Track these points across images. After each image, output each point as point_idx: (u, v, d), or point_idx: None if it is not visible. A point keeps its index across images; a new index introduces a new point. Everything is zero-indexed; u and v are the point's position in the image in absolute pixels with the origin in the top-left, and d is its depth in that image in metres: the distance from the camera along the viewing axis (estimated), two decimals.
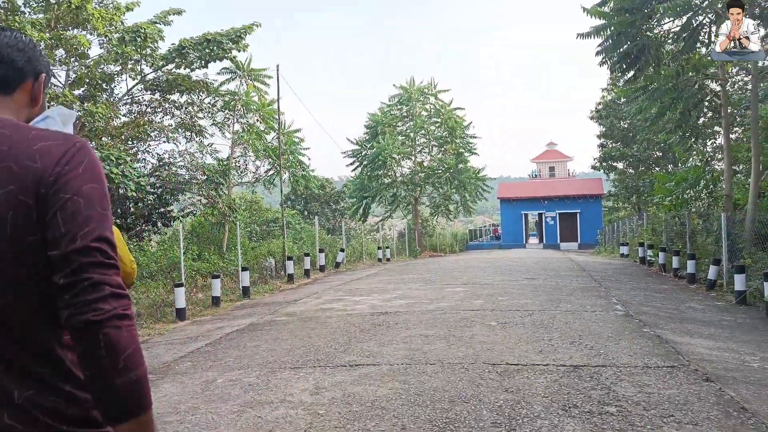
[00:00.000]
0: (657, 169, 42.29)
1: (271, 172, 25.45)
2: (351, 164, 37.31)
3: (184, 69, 22.92)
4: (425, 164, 37.66)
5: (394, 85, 36.40)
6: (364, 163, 36.27)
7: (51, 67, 1.58)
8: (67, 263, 1.18)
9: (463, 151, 36.91)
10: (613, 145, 48.27)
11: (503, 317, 8.58)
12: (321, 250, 19.56)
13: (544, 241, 47.67)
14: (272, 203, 64.88)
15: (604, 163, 49.93)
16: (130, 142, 22.71)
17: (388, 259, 27.41)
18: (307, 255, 18.15)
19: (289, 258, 16.77)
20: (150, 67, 21.82)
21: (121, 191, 19.95)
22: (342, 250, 21.34)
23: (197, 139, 24.77)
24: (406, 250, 33.85)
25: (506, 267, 18.11)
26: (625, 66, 13.75)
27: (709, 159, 16.24)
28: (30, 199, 1.20)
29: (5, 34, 1.40)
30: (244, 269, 13.82)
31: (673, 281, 14.15)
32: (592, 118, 49.41)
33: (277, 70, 19.78)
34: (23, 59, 1.39)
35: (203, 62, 23.08)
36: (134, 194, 19.27)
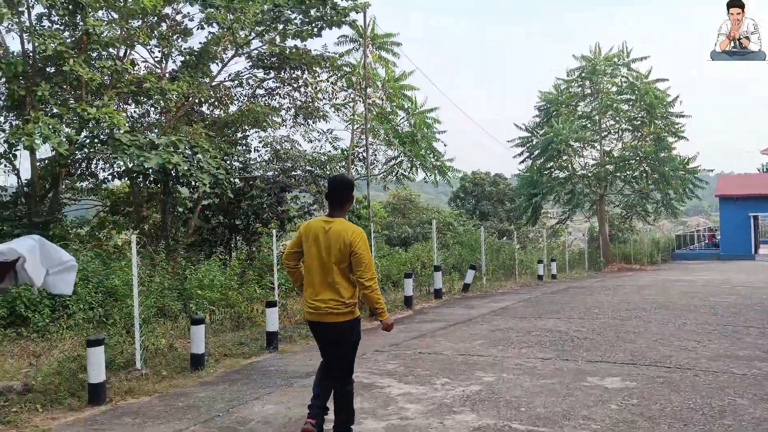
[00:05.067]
0: None
1: (400, 161, 20.29)
2: (519, 155, 30.81)
3: (293, 39, 18.77)
4: (614, 153, 29.79)
5: (573, 56, 29.25)
6: (534, 153, 29.58)
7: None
8: None
9: (665, 135, 28.43)
10: None
11: None
12: (436, 268, 13.86)
13: None
14: (433, 201, 59.79)
15: None
16: (231, 129, 19.05)
17: (553, 276, 20.76)
18: (408, 276, 12.61)
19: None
20: (246, 33, 17.86)
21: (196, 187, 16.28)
22: (472, 267, 15.37)
23: (312, 125, 20.60)
24: (585, 261, 26.58)
25: (730, 314, 10.84)
26: None
27: None
28: None
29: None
30: (270, 305, 8.72)
31: None
32: None
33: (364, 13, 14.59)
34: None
35: (315, 29, 18.74)
36: (207, 189, 15.36)
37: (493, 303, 12.71)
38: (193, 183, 15.07)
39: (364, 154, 21.29)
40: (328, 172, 17.75)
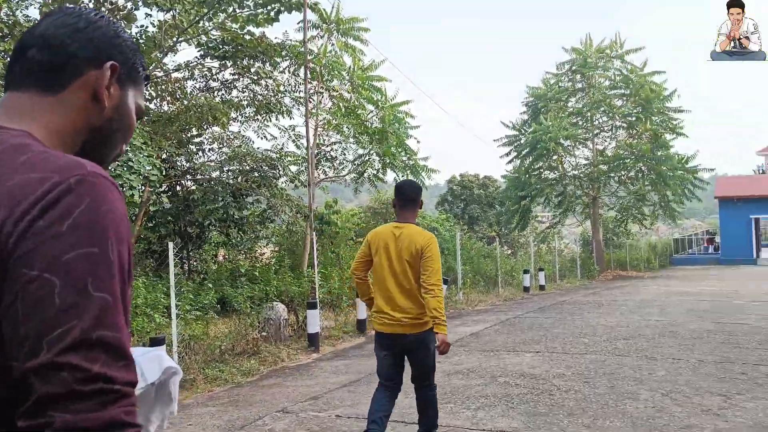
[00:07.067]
0: None
1: (366, 160, 18.13)
2: (506, 155, 28.73)
3: (247, 25, 16.70)
4: (608, 152, 27.74)
5: (563, 48, 27.22)
6: (522, 152, 27.51)
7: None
8: (25, 391, 0.74)
9: (662, 131, 26.39)
10: None
11: None
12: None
13: None
14: (426, 206, 57.72)
15: None
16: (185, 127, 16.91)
17: (541, 287, 18.67)
18: None
19: (312, 305, 9.17)
20: (191, 16, 15.74)
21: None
22: (444, 282, 13.16)
23: (272, 121, 18.52)
24: (578, 269, 24.49)
25: (755, 345, 8.74)
26: None
27: None
28: None
29: (64, 12, 1.00)
30: (156, 343, 6.55)
31: None
32: None
33: None
34: (80, 43, 0.97)
35: (271, 13, 16.66)
36: (135, 193, 13.26)
37: (463, 327, 10.55)
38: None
39: (332, 154, 19.22)
40: (280, 173, 15.64)
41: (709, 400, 5.34)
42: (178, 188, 17.36)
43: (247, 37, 16.27)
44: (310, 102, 17.93)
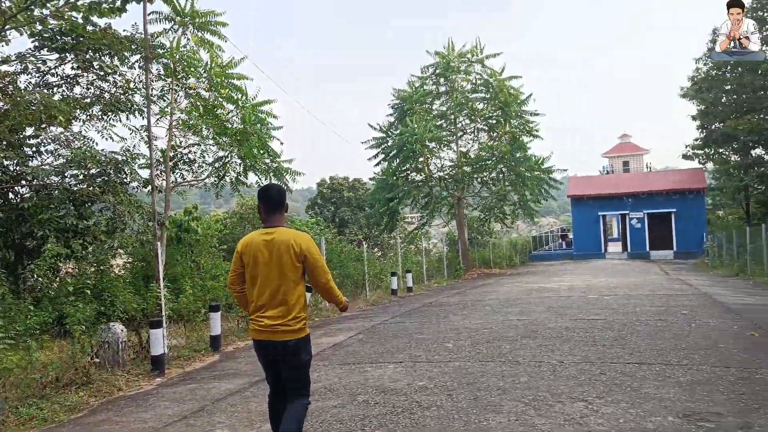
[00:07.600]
0: None
1: (225, 162, 17.03)
2: (374, 158, 28.58)
3: (93, 15, 14.96)
4: (471, 154, 28.47)
5: (427, 51, 27.61)
6: (390, 154, 27.49)
7: None
8: None
9: (520, 134, 27.51)
10: (717, 126, 38.53)
11: None
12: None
13: (629, 249, 37.64)
14: (300, 208, 56.65)
15: (703, 151, 40.12)
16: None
17: (409, 289, 18.59)
18: (215, 309, 9.55)
19: (155, 324, 8.14)
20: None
21: None
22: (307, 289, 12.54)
23: (123, 120, 16.87)
24: (444, 270, 24.84)
25: (611, 343, 8.98)
26: None
27: None
28: None
29: None
30: None
31: None
32: (684, 95, 39.55)
33: None
34: None
35: (117, 2, 15.06)
36: None
37: (325, 337, 9.96)
38: None
39: (190, 156, 17.90)
40: (128, 178, 14.22)
41: (570, 408, 5.14)
42: (11, 195, 15.35)
43: (90, 27, 14.62)
44: (164, 101, 16.55)
